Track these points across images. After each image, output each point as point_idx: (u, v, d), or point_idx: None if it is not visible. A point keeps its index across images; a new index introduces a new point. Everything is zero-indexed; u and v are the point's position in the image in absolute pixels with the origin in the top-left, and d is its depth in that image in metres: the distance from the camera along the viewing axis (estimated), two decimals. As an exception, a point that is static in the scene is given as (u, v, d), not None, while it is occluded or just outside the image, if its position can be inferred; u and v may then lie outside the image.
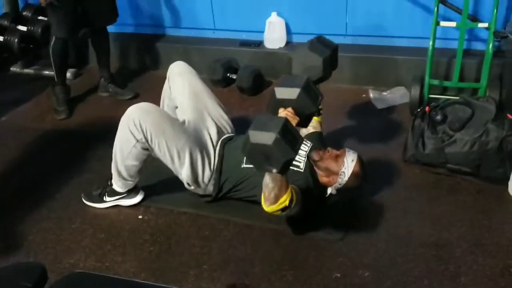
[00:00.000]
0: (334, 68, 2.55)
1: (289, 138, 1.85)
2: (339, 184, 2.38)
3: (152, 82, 4.13)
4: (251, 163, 2.01)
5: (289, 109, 2.12)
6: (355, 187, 2.42)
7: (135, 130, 2.38)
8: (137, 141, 2.41)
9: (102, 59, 3.92)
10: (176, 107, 2.76)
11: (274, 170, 1.89)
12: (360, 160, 2.40)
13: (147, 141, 2.40)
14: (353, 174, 2.36)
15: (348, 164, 2.35)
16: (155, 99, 2.73)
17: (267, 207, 2.08)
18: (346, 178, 2.35)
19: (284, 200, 2.04)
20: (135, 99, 3.84)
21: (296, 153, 1.91)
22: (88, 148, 3.27)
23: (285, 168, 1.91)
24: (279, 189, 2.01)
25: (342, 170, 2.35)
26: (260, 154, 1.86)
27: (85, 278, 1.52)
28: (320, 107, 2.62)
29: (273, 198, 2.04)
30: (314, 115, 2.29)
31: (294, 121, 2.09)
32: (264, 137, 1.82)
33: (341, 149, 2.44)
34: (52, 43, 3.57)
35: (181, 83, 2.72)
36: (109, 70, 3.96)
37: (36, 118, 3.73)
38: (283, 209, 2.08)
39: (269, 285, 2.19)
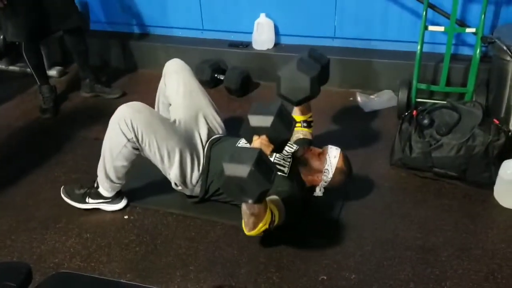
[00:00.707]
0: (324, 83, 2.56)
1: (264, 169, 1.87)
2: (325, 182, 2.39)
3: (140, 81, 4.13)
4: (227, 195, 2.05)
5: (263, 136, 2.11)
6: (340, 183, 2.43)
7: (126, 129, 2.36)
8: (128, 140, 2.38)
9: (80, 60, 3.87)
10: (170, 105, 2.74)
11: (250, 201, 1.92)
12: (343, 155, 2.41)
13: (137, 140, 2.38)
14: (337, 170, 2.37)
15: (331, 160, 2.36)
16: (143, 98, 2.70)
17: (248, 232, 2.13)
18: (330, 175, 2.36)
19: (264, 225, 2.08)
20: (123, 97, 3.84)
21: (272, 183, 1.92)
22: (74, 147, 3.25)
23: (260, 199, 1.93)
24: (257, 216, 2.05)
25: (325, 167, 2.36)
26: (235, 186, 1.88)
27: (70, 278, 1.50)
28: (311, 119, 2.70)
29: (252, 224, 2.08)
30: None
31: (268, 148, 2.09)
32: (238, 169, 1.84)
33: (323, 146, 2.45)
34: (22, 47, 3.54)
35: (176, 81, 2.72)
36: (91, 70, 3.92)
37: (21, 116, 3.69)
38: (264, 231, 2.11)
39: (256, 287, 2.18)
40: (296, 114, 2.64)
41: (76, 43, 3.76)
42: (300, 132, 2.67)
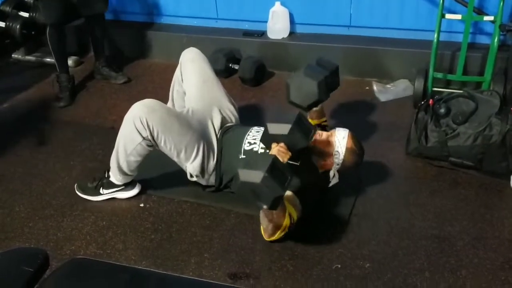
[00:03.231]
0: (335, 89, 2.57)
1: (278, 175, 1.91)
2: (337, 165, 2.38)
3: (154, 71, 4.14)
4: (243, 200, 2.08)
5: (282, 144, 2.12)
6: (353, 164, 2.41)
7: (141, 127, 2.35)
8: (143, 138, 2.38)
9: (97, 46, 3.94)
10: (185, 93, 2.75)
11: (265, 207, 1.94)
12: (351, 135, 2.40)
13: (153, 138, 2.38)
14: (348, 150, 2.36)
15: (340, 142, 2.35)
16: (156, 88, 2.72)
17: (268, 238, 2.18)
18: (341, 157, 2.35)
19: (283, 230, 2.13)
20: (128, 83, 3.92)
21: (286, 190, 1.96)
22: (90, 136, 3.27)
23: (275, 205, 1.95)
24: (276, 222, 2.10)
25: (336, 150, 2.36)
26: (250, 192, 1.92)
27: (87, 264, 1.51)
28: (325, 123, 2.71)
29: (271, 231, 2.14)
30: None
31: (286, 156, 2.09)
32: (252, 175, 1.88)
33: (330, 129, 2.44)
34: (47, 30, 3.58)
35: (192, 70, 2.72)
36: (104, 56, 3.98)
37: (38, 105, 3.72)
38: (285, 235, 2.17)
39: (270, 274, 2.19)
40: (310, 119, 2.64)
41: (97, 29, 3.84)
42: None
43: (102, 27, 3.88)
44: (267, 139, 2.19)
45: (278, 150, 2.09)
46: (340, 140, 2.36)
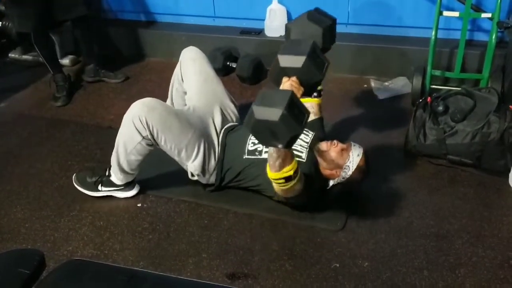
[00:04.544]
0: (333, 42, 2.47)
1: (296, 113, 1.80)
2: (342, 178, 2.37)
3: (151, 69, 4.13)
4: (255, 138, 1.97)
5: (294, 78, 2.02)
6: (356, 182, 2.41)
7: (141, 127, 2.34)
8: (143, 138, 2.37)
9: (86, 47, 3.90)
10: (185, 93, 2.74)
11: (280, 146, 1.86)
12: (365, 155, 2.39)
13: (153, 137, 2.37)
14: (358, 168, 2.34)
15: (354, 158, 2.34)
16: (154, 86, 2.72)
17: (272, 173, 2.07)
18: (350, 172, 2.34)
19: (289, 170, 2.03)
20: (126, 81, 3.90)
21: (303, 128, 1.86)
22: (88, 136, 3.26)
23: (290, 144, 1.88)
24: (283, 159, 2.01)
25: (347, 164, 2.34)
26: (266, 130, 1.82)
27: (83, 266, 1.50)
28: (320, 88, 2.58)
29: (278, 166, 2.03)
30: (320, 84, 2.17)
31: (299, 91, 2.01)
32: (269, 113, 1.77)
33: (346, 142, 2.42)
34: (32, 38, 3.54)
35: (193, 69, 2.72)
36: (96, 57, 3.95)
37: (35, 105, 3.70)
38: (286, 179, 2.06)
39: (268, 274, 2.18)
40: None
41: (82, 31, 3.79)
42: (308, 103, 2.51)
43: (87, 30, 3.80)
44: (277, 72, 2.04)
45: (291, 85, 1.99)
46: (355, 156, 2.34)
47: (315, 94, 2.58)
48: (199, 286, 1.53)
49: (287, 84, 2.03)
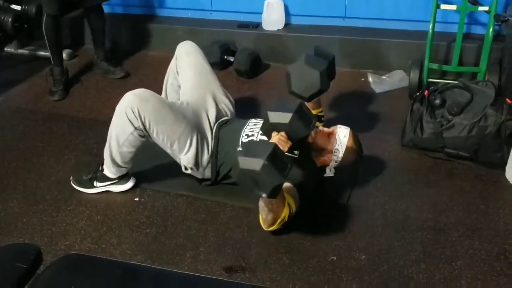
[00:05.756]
0: (332, 79, 2.53)
1: (278, 163, 1.88)
2: (335, 162, 2.38)
3: (148, 63, 4.12)
4: (241, 188, 2.04)
5: (282, 133, 2.10)
6: (351, 163, 2.41)
7: (133, 117, 2.34)
8: (135, 128, 2.37)
9: (97, 38, 3.89)
10: (180, 87, 2.73)
11: (264, 195, 1.92)
12: (352, 134, 2.39)
13: (145, 128, 2.37)
14: (347, 149, 2.35)
15: (341, 140, 2.35)
16: (151, 80, 2.71)
17: (266, 228, 2.17)
18: (341, 155, 2.35)
19: (283, 218, 2.12)
20: (126, 77, 3.87)
21: (285, 178, 1.94)
22: (84, 130, 3.25)
23: (275, 193, 1.94)
24: (275, 212, 2.08)
25: (335, 147, 2.35)
26: (249, 179, 1.89)
27: (80, 260, 1.50)
28: (322, 113, 2.69)
29: (271, 220, 2.12)
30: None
31: (286, 145, 2.07)
32: (252, 163, 1.85)
33: (332, 126, 2.43)
34: (44, 21, 3.54)
35: (188, 63, 2.71)
36: (104, 49, 3.93)
37: (32, 99, 3.70)
38: (283, 225, 2.16)
39: (266, 268, 2.18)
40: None
41: (97, 20, 3.80)
42: None
43: (101, 19, 3.82)
44: (267, 128, 2.15)
45: (278, 139, 2.07)
46: (341, 138, 2.35)
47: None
48: (197, 279, 1.53)
49: (275, 138, 2.10)
